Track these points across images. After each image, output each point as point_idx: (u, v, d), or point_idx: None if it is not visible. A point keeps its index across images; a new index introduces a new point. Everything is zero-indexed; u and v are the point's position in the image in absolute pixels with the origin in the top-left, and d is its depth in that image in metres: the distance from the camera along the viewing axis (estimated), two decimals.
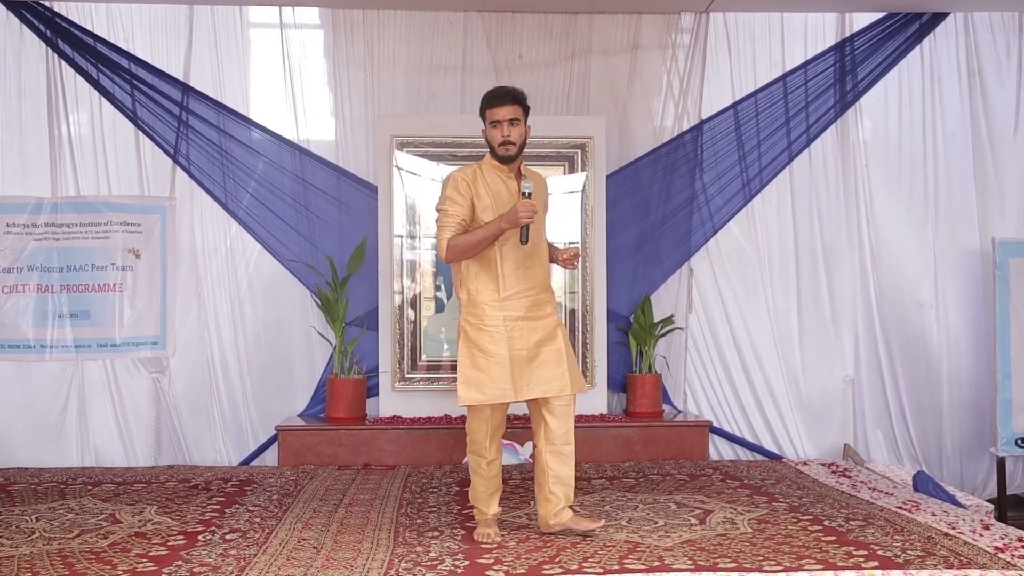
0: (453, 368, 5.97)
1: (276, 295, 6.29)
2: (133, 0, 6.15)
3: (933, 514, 4.45)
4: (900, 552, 3.73)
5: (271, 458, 6.08)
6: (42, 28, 6.12)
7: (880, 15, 6.38)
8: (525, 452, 5.71)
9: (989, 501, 5.50)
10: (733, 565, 3.57)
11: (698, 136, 6.39)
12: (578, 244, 6.11)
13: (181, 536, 4.10)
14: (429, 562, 3.68)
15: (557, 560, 3.66)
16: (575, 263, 4.19)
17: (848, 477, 5.41)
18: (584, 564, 3.60)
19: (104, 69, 6.14)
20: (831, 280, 6.39)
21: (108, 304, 6.12)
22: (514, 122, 4.02)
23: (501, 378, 3.95)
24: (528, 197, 3.95)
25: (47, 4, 6.13)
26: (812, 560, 3.62)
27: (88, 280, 6.12)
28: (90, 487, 5.21)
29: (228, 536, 4.10)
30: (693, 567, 3.54)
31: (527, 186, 3.98)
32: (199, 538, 4.06)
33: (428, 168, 6.09)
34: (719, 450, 6.29)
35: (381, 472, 5.58)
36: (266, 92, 6.35)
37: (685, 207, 6.37)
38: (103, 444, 6.10)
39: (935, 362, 6.32)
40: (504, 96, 4.05)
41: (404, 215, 6.08)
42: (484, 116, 4.08)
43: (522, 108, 4.07)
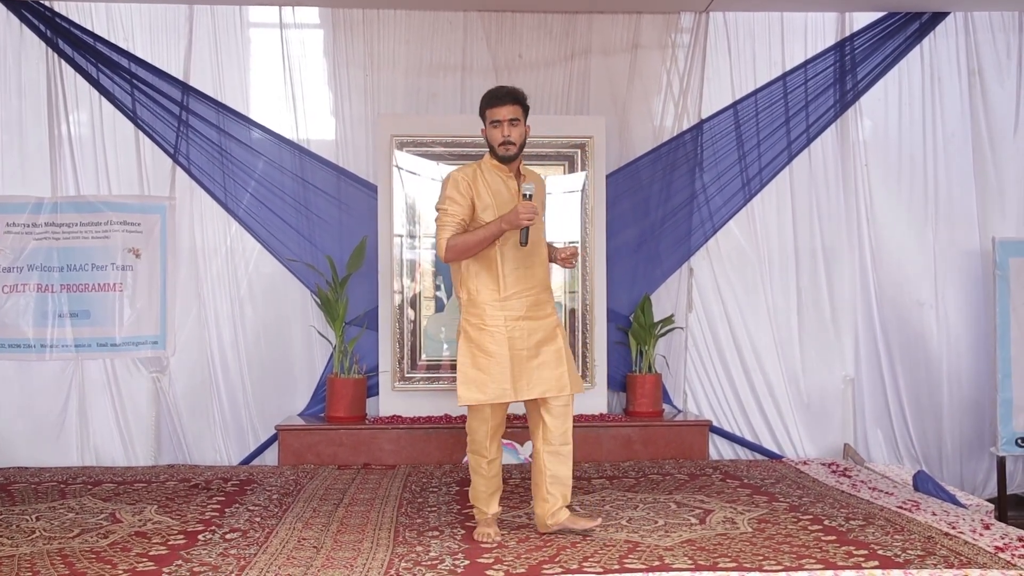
0: (453, 368, 5.95)
1: (276, 295, 6.29)
2: (133, 0, 6.16)
3: (933, 514, 4.45)
4: (900, 552, 3.73)
5: (271, 458, 6.09)
6: (42, 28, 6.12)
7: (880, 14, 6.37)
8: (525, 452, 5.71)
9: (989, 501, 5.50)
10: (733, 565, 3.57)
11: (698, 136, 6.39)
12: (578, 244, 6.12)
13: (181, 535, 4.10)
14: (429, 561, 3.68)
15: (557, 560, 3.66)
16: (573, 262, 4.20)
17: (848, 477, 5.41)
18: (584, 564, 3.60)
19: (104, 69, 6.14)
20: (831, 280, 6.39)
21: (108, 304, 6.12)
22: (514, 122, 4.02)
23: (501, 378, 3.95)
24: (529, 199, 3.94)
25: (47, 4, 6.12)
26: (812, 560, 3.62)
27: (88, 280, 6.12)
28: (90, 486, 5.21)
29: (228, 535, 4.10)
30: (693, 567, 3.54)
31: (528, 188, 3.97)
32: (199, 537, 4.06)
33: (428, 168, 6.09)
34: (719, 450, 6.29)
35: (381, 472, 5.58)
36: (266, 92, 6.35)
37: (685, 207, 6.37)
38: (103, 444, 6.10)
39: (935, 362, 6.32)
40: (504, 96, 4.04)
41: (404, 215, 6.08)
42: (484, 116, 4.08)
43: (522, 108, 4.07)
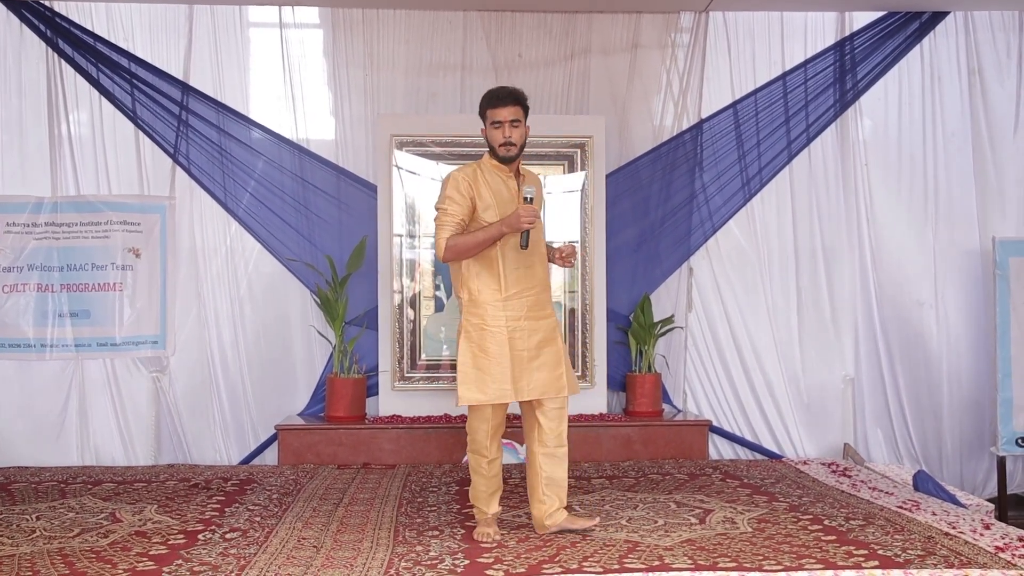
0: (453, 367, 5.96)
1: (276, 294, 6.29)
2: (133, 0, 6.16)
3: (933, 513, 4.44)
4: (900, 552, 3.73)
5: (271, 457, 6.09)
6: (42, 28, 6.12)
7: (880, 14, 6.37)
8: (525, 451, 5.70)
9: (989, 500, 5.50)
10: (733, 564, 3.57)
11: (698, 135, 6.38)
12: (577, 243, 6.11)
13: (181, 535, 4.10)
14: (429, 561, 3.68)
15: (557, 559, 3.66)
16: (572, 261, 4.19)
17: (848, 476, 5.41)
18: (584, 563, 3.60)
19: (104, 68, 6.14)
20: (831, 279, 6.39)
21: (108, 303, 6.12)
22: (515, 123, 4.02)
23: (502, 378, 3.95)
24: (530, 202, 3.94)
25: (47, 4, 6.12)
26: (812, 560, 3.62)
27: (88, 279, 6.12)
28: (90, 486, 5.21)
29: (228, 535, 4.10)
30: (693, 566, 3.54)
31: (529, 191, 3.97)
32: (199, 537, 4.06)
33: (427, 167, 6.09)
34: (719, 449, 6.28)
35: (381, 471, 5.58)
36: (266, 91, 6.35)
37: (685, 206, 6.37)
38: (103, 443, 6.10)
39: (935, 361, 6.32)
40: (506, 97, 4.04)
41: (404, 214, 6.08)
42: (485, 116, 4.08)
43: (523, 109, 4.07)
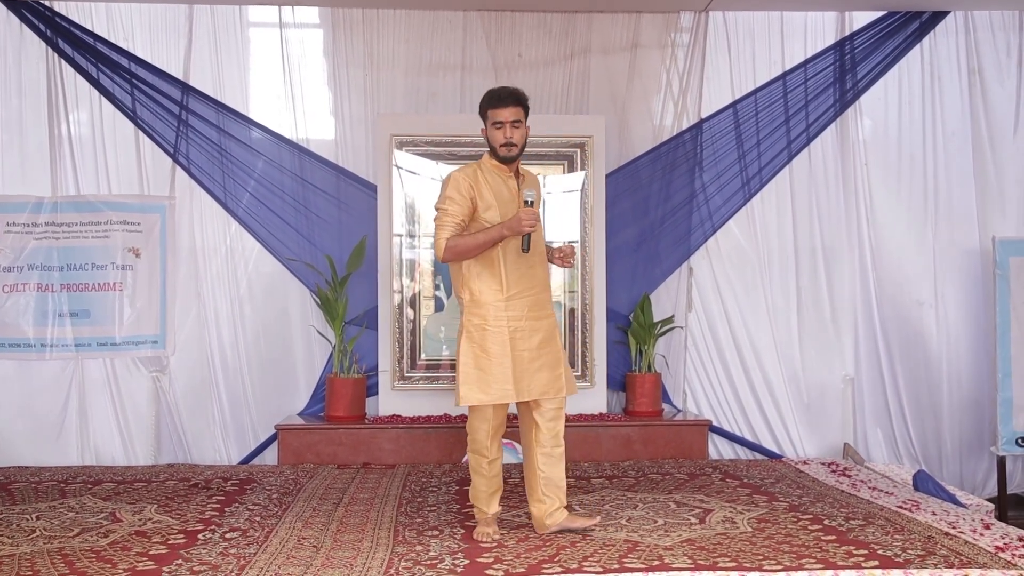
0: (452, 367, 5.95)
1: (276, 294, 6.29)
2: (133, 0, 6.16)
3: (933, 513, 4.44)
4: (900, 551, 3.73)
5: (271, 457, 6.09)
6: (42, 27, 6.12)
7: (880, 13, 6.37)
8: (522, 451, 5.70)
9: (989, 500, 5.50)
10: (733, 564, 3.57)
11: (697, 135, 6.38)
12: (577, 243, 6.11)
13: (181, 535, 4.10)
14: (429, 561, 3.68)
15: (557, 559, 3.66)
16: (571, 261, 4.19)
17: (848, 476, 5.40)
18: (584, 563, 3.60)
19: (104, 68, 6.14)
20: (831, 279, 6.39)
21: (108, 303, 6.12)
22: (516, 124, 4.03)
23: (503, 378, 3.96)
24: (531, 205, 3.94)
25: (47, 3, 6.12)
26: (812, 559, 3.62)
27: (88, 279, 6.12)
28: (90, 486, 5.21)
29: (228, 535, 4.10)
30: (693, 566, 3.54)
31: (530, 194, 3.97)
32: (199, 537, 4.06)
33: (427, 167, 6.09)
34: (719, 449, 6.28)
35: (381, 471, 5.58)
36: (266, 91, 6.35)
37: (684, 206, 6.37)
38: (103, 443, 6.10)
39: (935, 361, 6.32)
40: (507, 97, 4.05)
41: (403, 214, 6.08)
42: (485, 116, 4.08)
43: (524, 109, 4.08)
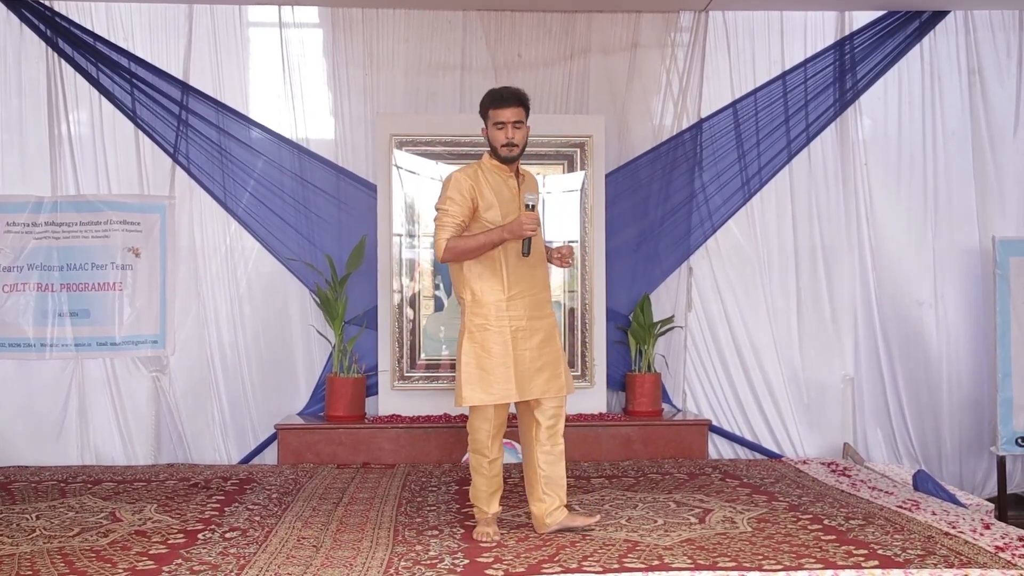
0: (452, 367, 5.96)
1: (275, 294, 6.29)
2: (133, 0, 6.18)
3: (933, 513, 4.44)
4: (900, 551, 3.73)
5: (271, 457, 6.09)
6: (42, 27, 6.12)
7: (880, 13, 6.37)
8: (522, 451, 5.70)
9: (989, 500, 5.50)
10: (733, 564, 3.57)
11: (697, 135, 6.38)
12: (577, 243, 6.11)
13: (181, 534, 4.10)
14: (428, 560, 3.68)
15: (556, 559, 3.66)
16: (569, 262, 4.18)
17: (848, 476, 5.40)
18: (584, 563, 3.60)
19: (104, 68, 6.14)
20: (831, 279, 6.39)
21: (108, 303, 6.12)
22: (518, 124, 4.04)
23: (505, 378, 3.96)
24: (532, 209, 3.95)
25: (47, 3, 6.12)
26: (812, 559, 3.62)
27: (88, 279, 6.12)
28: (90, 485, 5.21)
29: (228, 534, 4.10)
30: (692, 566, 3.54)
31: (531, 198, 3.98)
32: (199, 536, 4.06)
33: (427, 167, 6.09)
34: (718, 449, 6.28)
35: (380, 471, 5.58)
36: (265, 91, 6.34)
37: (684, 206, 6.37)
38: (103, 443, 6.10)
39: (935, 361, 6.32)
40: (510, 98, 4.05)
41: (403, 214, 6.08)
42: (487, 116, 4.08)
43: (525, 110, 4.08)
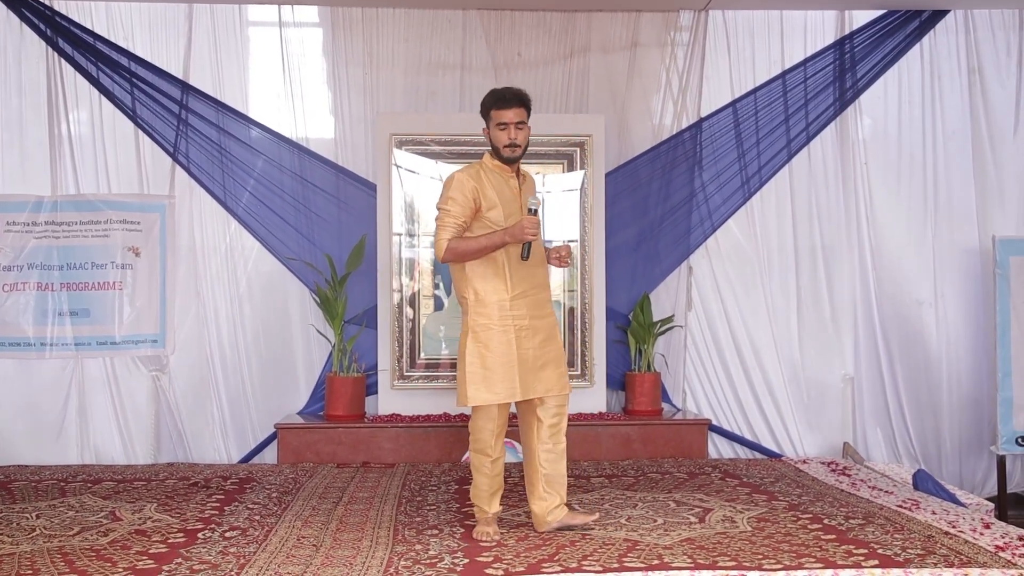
0: (452, 366, 5.97)
1: (275, 293, 6.29)
2: None
3: (933, 513, 4.45)
4: (900, 551, 3.73)
5: (270, 456, 6.09)
6: (42, 27, 6.12)
7: (880, 12, 6.37)
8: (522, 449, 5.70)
9: (989, 499, 5.50)
10: (732, 563, 3.57)
11: (697, 134, 6.38)
12: (577, 242, 6.11)
13: (181, 534, 4.10)
14: (428, 560, 3.68)
15: (556, 558, 3.66)
16: (568, 262, 4.18)
17: (848, 475, 5.41)
18: (583, 562, 3.60)
19: (104, 68, 6.14)
20: (830, 278, 6.39)
21: (108, 302, 6.12)
22: (520, 125, 4.05)
23: (509, 377, 3.97)
24: (534, 213, 3.95)
25: (47, 3, 6.12)
26: (812, 559, 3.62)
27: (88, 278, 6.12)
28: (90, 485, 5.21)
29: (228, 534, 4.11)
30: (692, 565, 3.54)
31: (533, 202, 3.99)
32: (199, 536, 4.07)
33: (427, 166, 6.09)
34: (718, 448, 6.29)
35: (380, 470, 5.58)
36: (265, 90, 6.34)
37: (684, 205, 6.37)
38: (103, 442, 6.10)
39: (935, 360, 6.32)
40: (512, 99, 4.06)
41: (403, 213, 6.08)
42: (489, 116, 4.08)
43: (527, 111, 4.09)
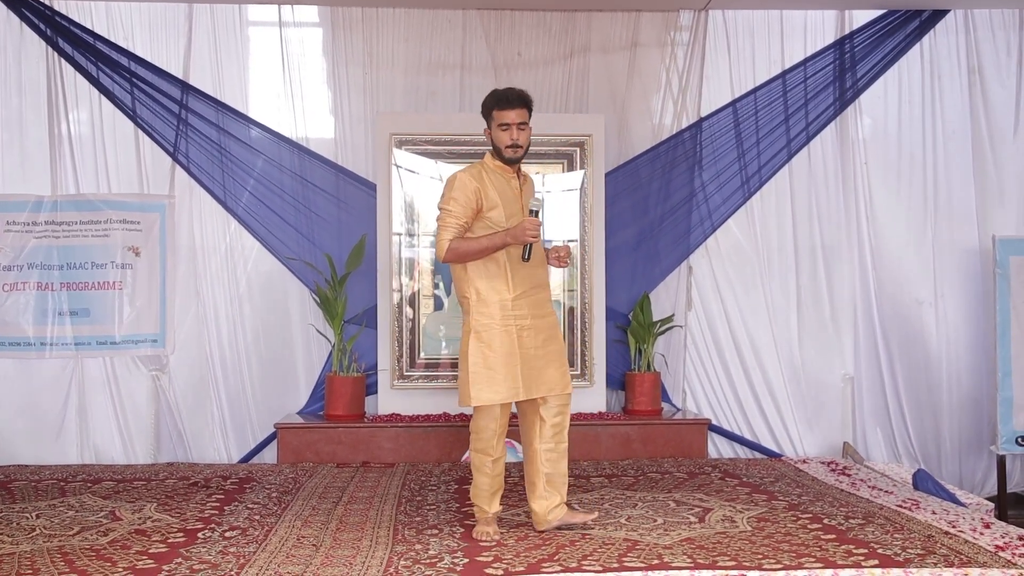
0: (452, 366, 5.97)
1: (275, 293, 6.29)
2: None
3: (933, 512, 4.45)
4: (900, 551, 3.73)
5: (270, 456, 6.09)
6: (42, 26, 6.12)
7: (880, 12, 6.36)
8: (522, 449, 5.70)
9: (989, 499, 5.50)
10: (732, 563, 3.57)
11: (697, 134, 6.38)
12: (576, 242, 6.11)
13: (181, 533, 4.10)
14: (428, 560, 3.68)
15: (556, 558, 3.66)
16: (567, 261, 4.18)
17: (847, 475, 5.41)
18: (583, 562, 3.60)
19: (104, 67, 6.14)
20: (830, 278, 6.39)
21: (108, 302, 6.12)
22: (522, 126, 4.05)
23: (512, 377, 3.98)
24: (535, 215, 3.95)
25: (47, 2, 6.12)
26: (812, 559, 3.62)
27: (88, 278, 6.12)
28: (90, 484, 5.21)
29: (228, 533, 4.11)
30: (692, 565, 3.54)
31: (534, 204, 3.99)
32: (199, 535, 4.07)
33: (427, 166, 6.09)
34: (718, 448, 6.29)
35: (380, 470, 5.58)
36: (265, 90, 6.34)
37: (684, 205, 6.37)
38: (103, 442, 6.10)
39: (935, 360, 6.32)
40: (515, 99, 4.06)
41: (403, 213, 6.07)
42: (490, 117, 4.08)
43: (529, 111, 4.10)
